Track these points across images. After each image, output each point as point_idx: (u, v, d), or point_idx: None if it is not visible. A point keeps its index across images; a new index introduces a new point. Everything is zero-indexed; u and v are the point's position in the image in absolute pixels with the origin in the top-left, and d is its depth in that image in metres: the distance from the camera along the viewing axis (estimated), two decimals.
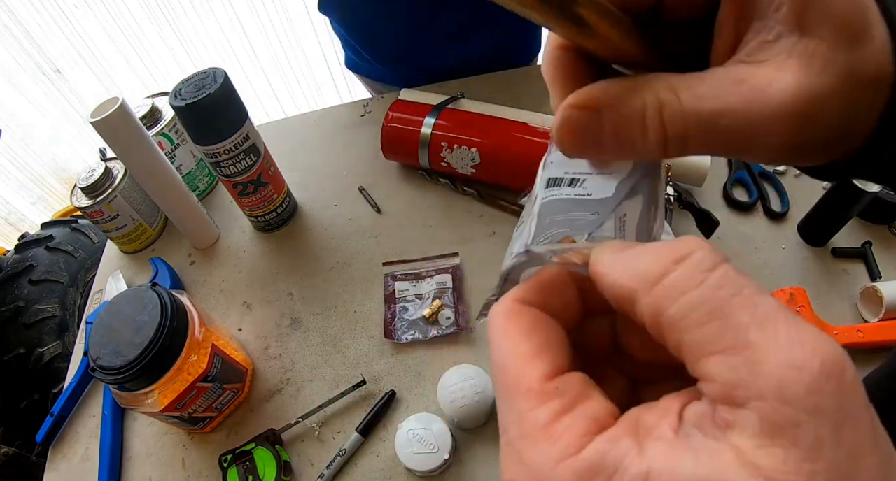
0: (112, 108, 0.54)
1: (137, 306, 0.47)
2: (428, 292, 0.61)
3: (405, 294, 0.62)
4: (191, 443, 0.55)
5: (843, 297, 0.60)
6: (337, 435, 0.54)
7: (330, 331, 0.62)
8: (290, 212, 0.73)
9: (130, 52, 1.67)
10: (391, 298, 0.62)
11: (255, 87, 1.88)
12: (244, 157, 0.62)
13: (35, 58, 1.57)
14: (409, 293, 0.62)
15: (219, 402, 0.53)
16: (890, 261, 0.62)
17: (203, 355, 0.50)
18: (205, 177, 0.79)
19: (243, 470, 0.50)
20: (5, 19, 1.47)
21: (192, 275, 0.70)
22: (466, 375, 0.50)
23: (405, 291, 0.62)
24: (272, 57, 1.75)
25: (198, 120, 0.58)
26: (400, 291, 0.62)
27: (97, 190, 0.67)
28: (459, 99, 0.75)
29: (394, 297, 0.62)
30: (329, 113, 0.89)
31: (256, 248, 0.72)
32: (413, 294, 0.62)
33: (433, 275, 0.62)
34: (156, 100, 0.74)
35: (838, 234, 0.62)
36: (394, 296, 0.62)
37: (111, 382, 0.45)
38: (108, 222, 0.69)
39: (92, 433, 0.57)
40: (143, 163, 0.60)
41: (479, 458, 0.51)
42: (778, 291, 0.57)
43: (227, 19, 1.69)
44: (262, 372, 0.60)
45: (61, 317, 1.11)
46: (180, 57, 1.73)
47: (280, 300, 0.65)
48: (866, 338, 0.54)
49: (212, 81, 0.56)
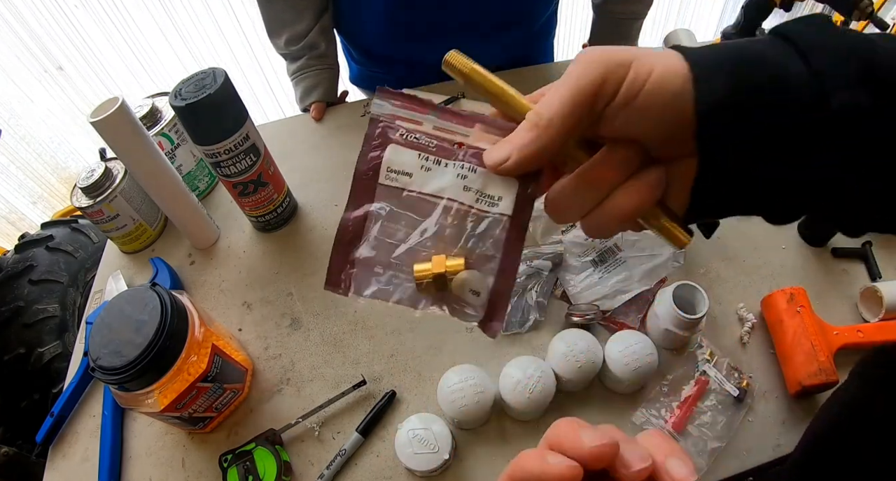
0: (112, 108, 0.54)
1: (137, 306, 0.47)
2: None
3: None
4: (191, 443, 0.55)
5: (843, 297, 0.60)
6: (337, 435, 0.54)
7: (330, 331, 0.62)
8: (290, 212, 0.73)
9: (131, 51, 1.67)
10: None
11: (254, 88, 1.88)
12: (244, 157, 0.62)
13: (37, 55, 1.56)
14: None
15: (219, 402, 0.53)
16: (890, 261, 0.62)
17: (203, 355, 0.50)
18: (205, 177, 0.79)
19: (243, 470, 0.50)
20: (8, 17, 1.47)
21: (192, 275, 0.70)
22: (466, 375, 0.50)
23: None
24: (272, 57, 1.75)
25: (198, 120, 0.58)
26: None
27: (97, 190, 0.67)
28: (459, 99, 0.75)
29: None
30: (329, 113, 0.89)
31: (256, 248, 0.72)
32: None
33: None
34: (156, 100, 0.74)
35: (838, 234, 0.62)
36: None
37: (111, 382, 0.45)
38: (108, 222, 0.69)
39: (92, 433, 0.57)
40: (143, 163, 0.60)
41: (480, 458, 0.51)
42: (778, 291, 0.57)
43: (227, 19, 1.69)
44: (262, 372, 0.60)
45: (61, 317, 1.11)
46: (181, 57, 1.73)
47: (280, 300, 0.65)
48: (866, 338, 0.54)
49: (212, 81, 0.56)
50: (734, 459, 0.50)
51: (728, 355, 0.56)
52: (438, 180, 0.27)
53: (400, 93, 0.28)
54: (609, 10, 0.91)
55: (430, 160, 0.28)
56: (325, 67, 0.89)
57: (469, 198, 0.27)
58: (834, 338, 0.54)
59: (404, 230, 0.28)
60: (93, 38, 1.60)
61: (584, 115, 0.24)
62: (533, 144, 0.25)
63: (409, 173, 0.27)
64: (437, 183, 0.27)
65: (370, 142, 0.28)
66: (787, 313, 0.55)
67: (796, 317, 0.55)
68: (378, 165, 0.28)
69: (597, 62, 0.24)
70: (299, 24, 0.83)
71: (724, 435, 0.51)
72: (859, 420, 0.36)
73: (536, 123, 0.25)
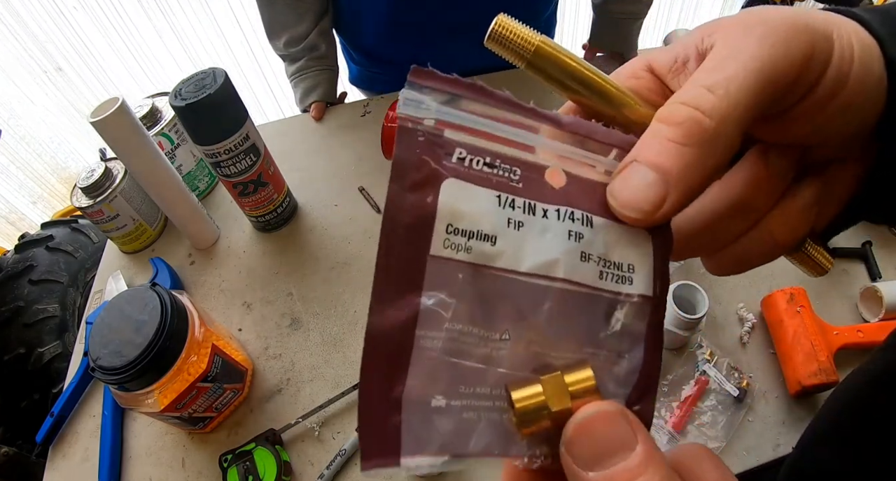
0: (112, 108, 0.54)
1: (137, 306, 0.47)
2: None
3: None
4: (191, 443, 0.55)
5: (843, 297, 0.60)
6: (337, 435, 0.54)
7: (330, 331, 0.62)
8: (290, 212, 0.73)
9: (130, 53, 1.67)
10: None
11: (254, 88, 1.88)
12: (244, 157, 0.62)
13: (36, 57, 1.56)
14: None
15: (219, 402, 0.53)
16: (890, 261, 0.62)
17: (203, 355, 0.50)
18: (205, 177, 0.79)
19: (243, 470, 0.50)
20: (6, 18, 1.47)
21: (192, 275, 0.70)
22: None
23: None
24: (272, 58, 1.75)
25: (198, 120, 0.58)
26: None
27: (97, 190, 0.67)
28: None
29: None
30: (329, 113, 0.89)
31: (256, 248, 0.72)
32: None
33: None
34: (156, 100, 0.74)
35: (838, 234, 0.62)
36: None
37: (111, 382, 0.45)
38: (108, 222, 0.69)
39: (92, 433, 0.57)
40: (143, 163, 0.60)
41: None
42: (778, 291, 0.57)
43: (227, 19, 1.69)
44: (262, 372, 0.60)
45: (61, 317, 1.11)
46: (180, 58, 1.73)
47: (280, 300, 0.65)
48: (866, 338, 0.54)
49: (212, 81, 0.56)
50: (734, 459, 0.50)
51: (728, 355, 0.56)
52: (539, 244, 0.16)
53: (451, 77, 0.16)
54: (609, 10, 0.91)
55: (518, 207, 0.16)
56: (324, 68, 0.89)
57: (590, 273, 0.16)
58: (834, 338, 0.54)
59: (486, 339, 0.15)
60: (92, 39, 1.60)
61: (766, 111, 0.16)
62: (699, 165, 0.15)
63: (490, 235, 0.15)
64: (540, 251, 0.16)
65: (406, 175, 0.15)
66: (787, 313, 0.55)
67: (796, 317, 0.55)
68: (427, 221, 0.15)
69: (793, 28, 0.15)
70: (299, 26, 0.83)
71: (724, 435, 0.51)
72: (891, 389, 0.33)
73: (701, 128, 0.15)
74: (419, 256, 0.15)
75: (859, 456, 0.35)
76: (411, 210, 0.15)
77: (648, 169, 0.15)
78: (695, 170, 0.15)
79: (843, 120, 0.17)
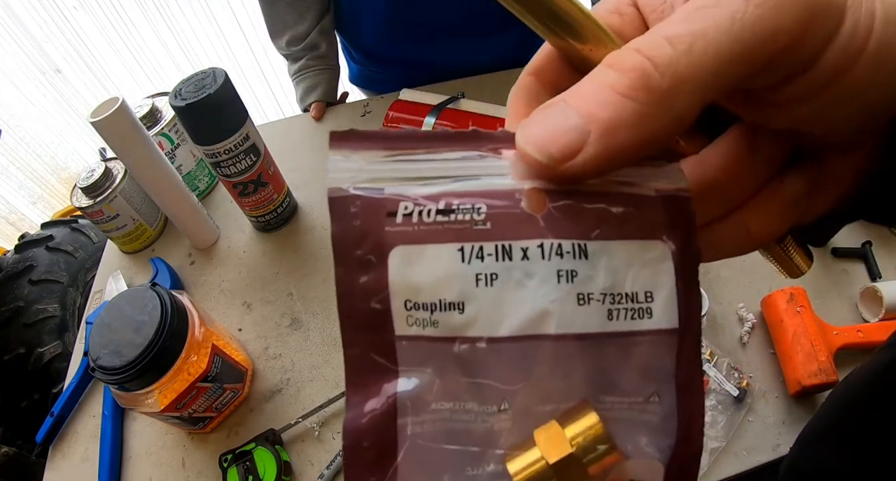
0: (112, 108, 0.54)
1: (137, 306, 0.47)
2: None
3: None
4: (191, 443, 0.55)
5: (843, 297, 0.60)
6: (337, 436, 0.54)
7: (330, 331, 0.62)
8: (290, 212, 0.73)
9: (130, 52, 1.67)
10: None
11: (254, 88, 1.88)
12: (244, 157, 0.62)
13: (35, 58, 1.57)
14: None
15: (219, 402, 0.53)
16: (890, 261, 0.62)
17: (203, 355, 0.50)
18: (205, 177, 0.79)
19: (243, 470, 0.50)
20: (5, 20, 1.47)
21: (192, 275, 0.70)
22: None
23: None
24: (272, 58, 1.75)
25: (198, 120, 0.58)
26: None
27: (97, 190, 0.67)
28: (459, 99, 0.75)
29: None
30: (329, 113, 0.89)
31: (256, 248, 0.72)
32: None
33: None
34: (156, 100, 0.74)
35: (838, 234, 0.62)
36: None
37: (111, 382, 0.45)
38: (108, 222, 0.69)
39: (92, 433, 0.57)
40: (143, 163, 0.60)
41: None
42: (778, 291, 0.57)
43: (227, 19, 1.69)
44: (262, 372, 0.60)
45: (61, 317, 1.11)
46: (180, 57, 1.73)
47: (280, 300, 0.65)
48: (866, 338, 0.54)
49: (212, 81, 0.56)
50: (734, 459, 0.50)
51: (728, 355, 0.56)
52: (519, 297, 0.13)
53: (376, 132, 0.14)
54: None
55: (488, 255, 0.13)
56: (325, 68, 0.89)
57: (594, 318, 0.13)
58: (834, 338, 0.54)
59: (483, 414, 0.13)
60: (91, 40, 1.61)
61: (739, 84, 0.13)
62: (636, 126, 0.12)
63: (457, 302, 0.13)
64: (522, 306, 0.13)
65: (348, 254, 0.13)
66: (787, 313, 0.55)
67: (796, 316, 0.55)
68: (384, 301, 0.13)
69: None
70: (301, 26, 0.83)
71: (724, 435, 0.51)
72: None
73: (648, 83, 0.12)
74: (385, 339, 0.13)
75: (858, 456, 0.35)
76: (364, 293, 0.13)
77: (574, 110, 0.13)
78: (628, 130, 0.12)
79: (851, 107, 0.14)
